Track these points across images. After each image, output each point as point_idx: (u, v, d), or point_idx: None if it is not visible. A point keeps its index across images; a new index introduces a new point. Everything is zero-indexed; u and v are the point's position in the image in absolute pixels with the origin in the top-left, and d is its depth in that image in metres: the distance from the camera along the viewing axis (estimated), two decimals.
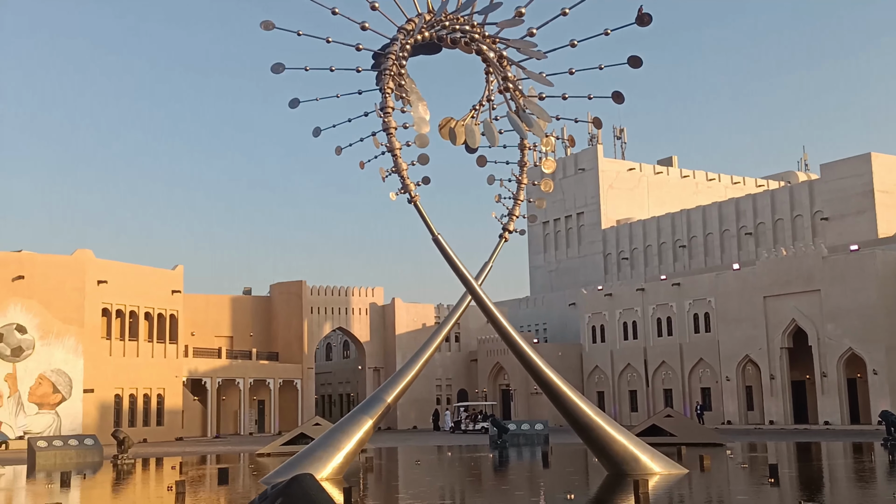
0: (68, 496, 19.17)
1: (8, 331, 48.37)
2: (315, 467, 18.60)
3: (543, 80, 19.07)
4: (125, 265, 54.65)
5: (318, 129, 19.56)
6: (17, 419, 48.11)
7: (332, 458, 19.52)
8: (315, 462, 19.20)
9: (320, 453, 19.71)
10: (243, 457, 32.84)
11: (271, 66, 18.18)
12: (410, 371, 21.24)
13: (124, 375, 53.25)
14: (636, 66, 17.88)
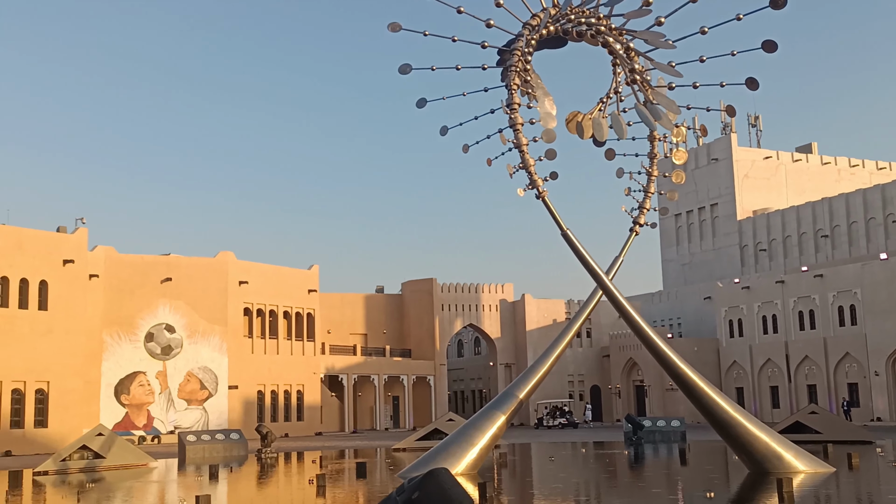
0: (217, 488, 20.04)
1: (158, 330, 50.98)
2: (450, 462, 18.80)
3: (672, 70, 18.66)
4: (264, 266, 56.67)
5: (445, 128, 19.74)
6: (167, 414, 50.65)
7: (466, 454, 19.69)
8: (449, 457, 19.40)
9: (454, 449, 19.91)
10: (380, 451, 33.52)
11: (398, 67, 18.47)
12: (542, 367, 21.19)
13: (265, 372, 55.28)
14: (771, 50, 17.26)
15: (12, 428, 43.69)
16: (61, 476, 24.64)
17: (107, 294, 49.36)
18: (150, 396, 50.27)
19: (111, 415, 48.35)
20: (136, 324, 50.29)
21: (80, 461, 26.57)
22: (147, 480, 23.24)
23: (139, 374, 50.13)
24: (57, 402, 45.39)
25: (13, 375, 43.89)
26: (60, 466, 25.91)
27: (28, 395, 44.54)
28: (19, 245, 44.67)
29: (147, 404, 50.15)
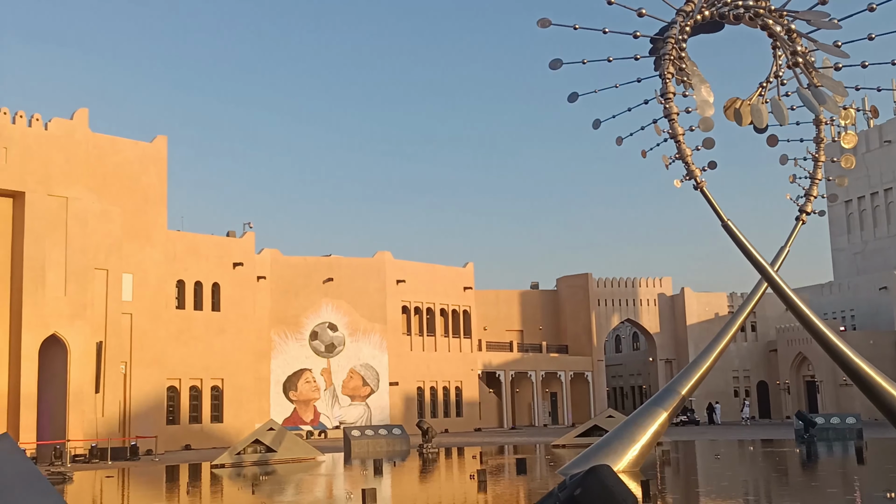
0: (381, 482, 20.58)
1: (322, 329, 52.84)
2: (611, 459, 18.58)
3: (838, 50, 17.72)
4: (420, 264, 57.73)
5: (597, 122, 19.49)
6: (332, 410, 52.42)
7: (627, 451, 19.40)
8: (610, 454, 19.17)
9: (615, 445, 19.66)
10: (539, 448, 33.50)
11: (549, 62, 18.39)
12: (704, 362, 20.61)
13: (424, 369, 56.34)
14: None
15: (191, 423, 46.35)
16: (237, 469, 25.94)
17: (273, 295, 51.57)
18: (315, 393, 52.17)
19: (280, 410, 50.49)
20: (301, 323, 52.31)
21: (253, 455, 27.89)
22: (316, 474, 24.13)
23: (305, 372, 52.12)
24: (231, 398, 47.83)
25: (191, 373, 46.56)
26: (236, 460, 27.29)
27: (204, 392, 47.15)
28: (194, 250, 47.33)
29: (313, 400, 52.07)
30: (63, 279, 37.64)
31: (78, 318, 37.90)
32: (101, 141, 41.79)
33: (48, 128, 38.05)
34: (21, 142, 37.01)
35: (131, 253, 42.06)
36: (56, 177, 37.87)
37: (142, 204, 43.11)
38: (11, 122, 36.90)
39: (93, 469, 30.74)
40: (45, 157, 37.66)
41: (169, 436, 43.77)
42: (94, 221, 39.46)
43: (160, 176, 44.14)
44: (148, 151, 43.87)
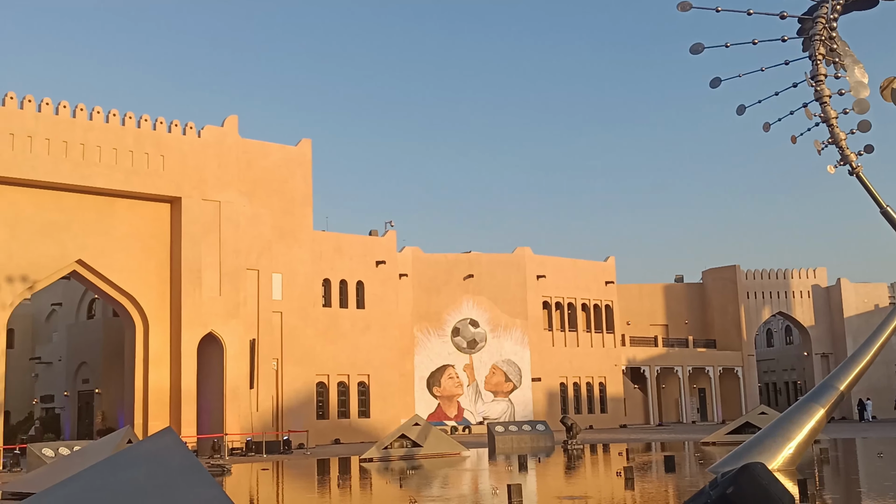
0: (527, 477, 20.56)
1: (463, 325, 53.29)
2: (764, 457, 17.88)
3: None
4: (560, 259, 57.35)
5: (742, 107, 18.79)
6: (476, 406, 52.79)
7: (782, 449, 18.63)
8: (764, 452, 18.46)
9: (769, 443, 18.91)
10: (687, 445, 32.68)
11: (690, 46, 17.87)
12: (864, 356, 19.55)
13: (567, 364, 55.94)
14: None
15: (339, 418, 47.69)
16: (384, 463, 26.49)
17: (415, 292, 52.38)
18: (459, 388, 52.66)
19: (425, 406, 51.24)
20: (443, 319, 52.91)
21: (399, 449, 28.41)
22: (461, 469, 24.35)
23: (448, 368, 52.68)
24: (377, 393, 48.91)
25: (338, 369, 47.91)
26: (383, 454, 27.87)
27: (352, 388, 48.40)
28: (339, 249, 48.67)
29: (457, 396, 52.58)
30: (218, 280, 39.41)
31: (232, 316, 39.61)
32: (251, 146, 43.51)
33: (201, 135, 39.92)
34: (177, 149, 39.00)
35: (280, 253, 43.62)
36: (209, 182, 39.69)
37: (289, 206, 44.64)
38: (167, 131, 38.91)
39: (249, 462, 32.07)
40: (199, 163, 39.53)
41: (319, 430, 45.16)
42: (245, 224, 41.14)
43: (306, 178, 45.57)
44: (294, 155, 45.37)
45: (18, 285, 35.24)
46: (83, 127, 36.50)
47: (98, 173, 36.66)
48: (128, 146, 37.58)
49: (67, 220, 36.57)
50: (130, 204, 38.34)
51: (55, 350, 51.63)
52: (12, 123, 34.81)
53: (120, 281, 37.76)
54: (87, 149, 36.48)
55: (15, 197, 35.42)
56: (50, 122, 35.73)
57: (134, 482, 8.28)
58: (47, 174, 35.46)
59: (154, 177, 38.18)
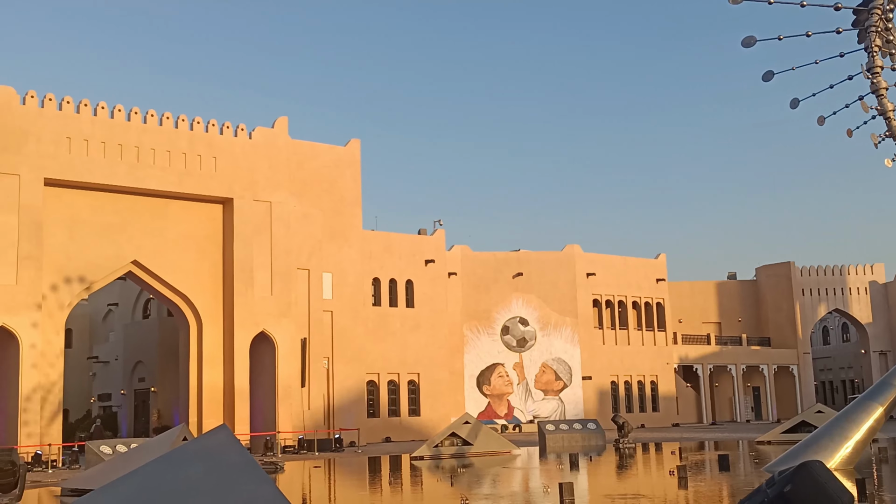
0: (578, 476, 20.47)
1: (513, 323, 53.19)
2: (821, 456, 17.55)
3: None
4: (610, 257, 56.95)
5: (796, 101, 18.46)
6: (526, 404, 52.66)
7: (839, 448, 18.28)
8: (821, 451, 18.13)
9: (826, 442, 18.57)
10: (742, 444, 32.24)
11: (742, 40, 17.61)
12: None
13: (618, 363, 55.54)
14: None
15: (390, 416, 47.91)
16: (435, 461, 26.56)
17: (465, 290, 52.41)
18: (509, 387, 52.57)
19: (475, 404, 51.23)
20: (493, 317, 52.86)
21: (450, 447, 28.46)
22: (512, 467, 24.33)
23: (498, 366, 52.62)
24: (427, 391, 49.06)
25: (389, 368, 48.14)
26: (434, 452, 27.95)
27: (402, 386, 48.60)
28: (388, 248, 48.91)
29: (507, 394, 52.49)
30: (269, 279, 39.85)
31: (284, 316, 40.02)
32: (300, 147, 43.93)
33: (252, 137, 40.40)
34: (229, 151, 39.52)
35: (330, 253, 43.97)
36: (260, 183, 40.15)
37: (339, 205, 44.98)
38: (219, 133, 39.44)
39: (301, 459, 32.39)
40: (251, 164, 40.02)
41: (370, 428, 45.42)
42: (295, 224, 41.54)
43: (355, 178, 45.88)
44: (343, 155, 45.70)
45: (76, 286, 36.02)
46: (137, 130, 37.18)
47: (152, 175, 37.31)
48: (181, 148, 38.19)
49: (123, 222, 37.27)
50: (184, 205, 38.95)
51: (112, 349, 52.65)
52: (69, 127, 35.57)
53: (174, 281, 38.38)
54: (141, 151, 37.15)
55: (72, 199, 36.20)
56: (105, 126, 36.44)
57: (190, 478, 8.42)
58: (103, 177, 36.18)
59: (207, 178, 38.74)
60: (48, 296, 35.09)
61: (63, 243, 35.78)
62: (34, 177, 34.54)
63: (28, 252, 34.06)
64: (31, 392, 33.72)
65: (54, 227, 35.57)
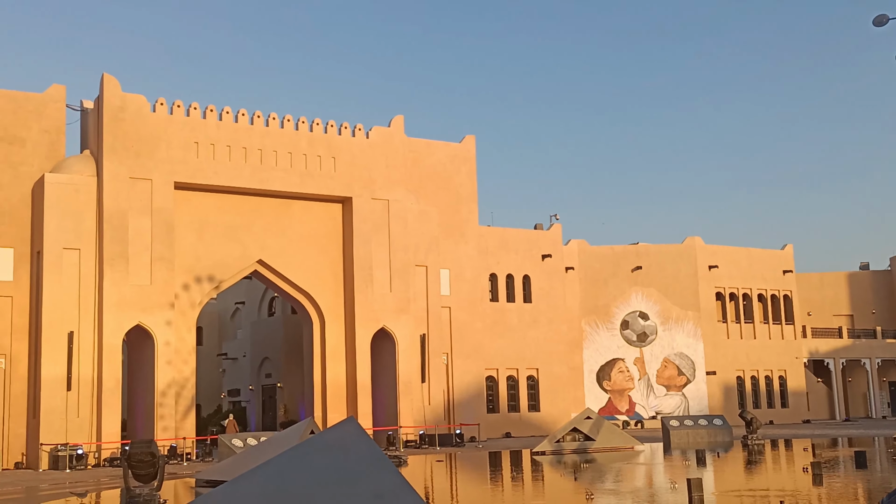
0: (705, 472, 19.98)
1: (632, 318, 52.37)
2: None
3: None
4: (733, 249, 55.36)
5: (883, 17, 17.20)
6: (647, 400, 51.77)
7: None
8: None
9: None
10: (878, 441, 30.81)
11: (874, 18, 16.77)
12: None
13: (743, 357, 53.95)
14: None
15: (509, 412, 47.94)
16: (557, 456, 26.41)
17: (582, 285, 51.93)
18: (629, 382, 51.80)
19: (595, 400, 50.70)
20: (612, 312, 52.18)
21: (572, 443, 28.23)
22: (636, 463, 23.95)
23: (618, 361, 51.91)
24: (546, 387, 48.85)
25: (507, 363, 48.16)
26: (555, 447, 27.78)
27: (521, 382, 48.54)
28: (504, 244, 48.92)
29: (628, 390, 51.74)
30: (388, 276, 40.46)
31: (403, 312, 40.55)
32: (416, 145, 44.43)
33: (369, 136, 41.08)
34: (347, 151, 40.32)
35: (447, 249, 44.30)
36: (378, 181, 40.80)
37: (454, 202, 45.26)
38: (338, 133, 40.28)
39: (423, 454, 32.75)
40: (368, 163, 40.71)
41: (490, 423, 45.56)
42: (413, 221, 42.02)
43: (470, 174, 46.07)
44: (458, 152, 45.96)
45: (206, 285, 37.43)
46: (260, 133, 38.34)
47: (275, 177, 38.41)
48: (302, 150, 39.18)
49: (248, 223, 38.51)
50: (305, 205, 39.95)
51: (240, 346, 54.52)
52: (196, 132, 37.00)
53: (297, 279, 39.41)
54: (264, 154, 38.30)
55: (200, 202, 37.63)
56: (230, 130, 37.73)
57: (320, 469, 8.63)
58: (229, 179, 37.48)
59: (326, 178, 39.62)
60: (180, 295, 36.60)
61: (193, 244, 37.24)
62: (165, 181, 36.08)
63: (161, 253, 35.60)
64: (166, 387, 35.25)
65: (184, 228, 37.07)
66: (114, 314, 34.53)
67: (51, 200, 34.30)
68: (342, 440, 8.97)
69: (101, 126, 35.46)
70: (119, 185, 35.22)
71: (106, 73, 35.65)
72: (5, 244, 34.93)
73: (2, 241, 34.87)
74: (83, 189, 34.96)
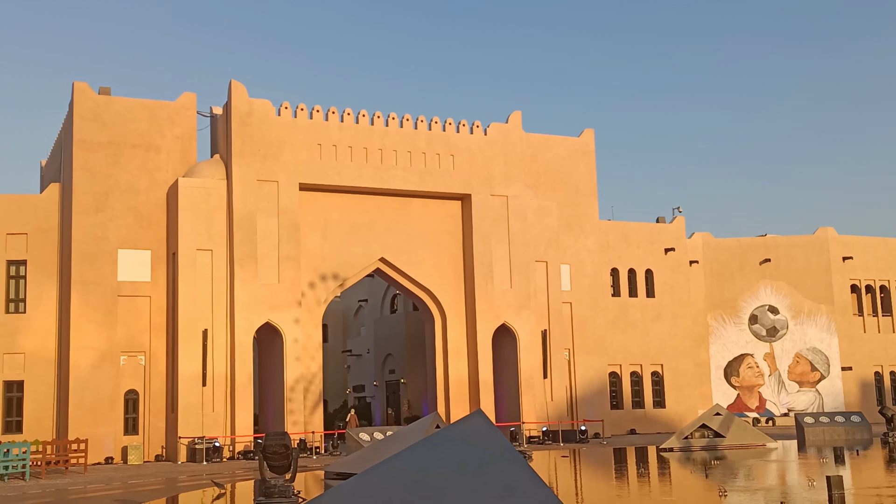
0: (844, 471, 19.19)
1: (761, 312, 50.71)
2: None
3: None
4: (869, 238, 52.89)
5: None
6: (779, 396, 50.04)
7: None
8: None
9: None
10: None
11: None
12: None
13: (881, 352, 51.49)
14: None
15: (634, 408, 47.21)
16: (685, 453, 25.86)
17: (707, 279, 50.66)
18: (759, 378, 50.21)
19: (722, 396, 49.38)
20: (739, 306, 50.69)
21: (701, 439, 27.60)
22: (769, 460, 23.22)
23: (746, 357, 50.39)
24: (671, 383, 47.89)
25: (630, 359, 47.44)
26: (683, 444, 27.21)
27: (645, 377, 47.73)
28: (625, 238, 48.19)
29: (757, 386, 50.16)
30: (508, 272, 40.48)
31: (524, 308, 40.50)
32: (534, 140, 44.27)
33: (487, 133, 41.19)
34: (466, 148, 40.54)
35: (567, 244, 43.98)
36: (496, 177, 40.87)
37: (574, 197, 44.88)
38: (456, 131, 40.55)
39: (547, 449, 32.63)
40: (487, 160, 40.83)
41: (613, 420, 45.00)
42: (532, 217, 41.90)
43: (589, 168, 45.59)
44: (577, 146, 45.56)
45: (331, 283, 38.33)
46: (380, 133, 38.98)
47: (395, 176, 38.99)
48: (420, 148, 39.63)
49: (370, 221, 39.22)
50: (425, 203, 40.39)
51: (363, 343, 55.59)
52: (319, 134, 37.93)
53: (418, 276, 39.89)
54: (384, 153, 38.93)
55: (324, 202, 38.55)
56: (351, 131, 38.52)
57: (450, 461, 8.72)
58: (351, 179, 38.26)
59: (445, 176, 39.95)
60: (307, 293, 37.60)
61: (317, 244, 38.19)
62: (290, 182, 37.13)
63: (288, 253, 36.66)
64: (294, 383, 36.28)
65: (309, 228, 38.06)
66: (244, 312, 35.76)
67: (184, 204, 35.80)
68: (472, 433, 9.03)
69: (230, 131, 36.78)
70: (247, 187, 36.45)
71: (234, 80, 36.96)
72: (144, 246, 36.66)
73: (141, 244, 36.62)
74: (214, 192, 36.34)
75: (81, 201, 35.84)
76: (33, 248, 37.20)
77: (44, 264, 37.22)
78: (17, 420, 36.48)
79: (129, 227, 36.46)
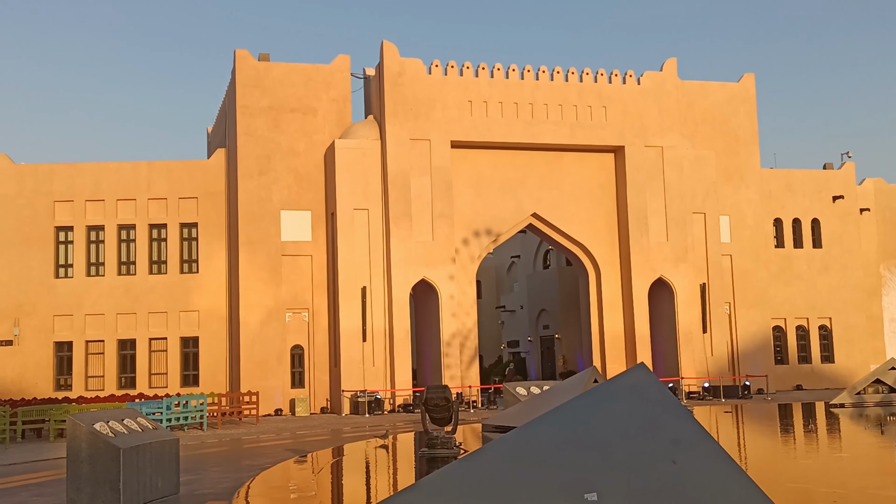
0: None
1: None
2: None
3: None
4: None
5: None
6: None
7: None
8: None
9: None
10: None
11: None
12: None
13: None
14: None
15: (800, 363, 45.43)
16: (857, 409, 24.72)
17: (880, 227, 47.91)
18: None
19: None
20: None
21: (875, 395, 26.28)
22: None
23: None
24: (840, 337, 45.76)
25: (795, 313, 45.57)
26: (855, 400, 26.00)
27: (812, 331, 45.78)
28: (789, 187, 46.07)
29: None
30: (664, 225, 39.54)
31: (681, 261, 39.53)
32: (690, 87, 42.80)
33: (640, 82, 40.11)
34: (618, 99, 39.66)
35: (726, 195, 42.49)
36: (651, 128, 39.82)
37: (733, 145, 43.21)
38: (608, 82, 39.69)
39: (708, 405, 31.93)
40: (640, 110, 39.81)
41: (778, 376, 43.50)
42: (688, 167, 40.66)
43: (750, 115, 43.72)
44: (736, 92, 43.73)
45: (484, 239, 38.58)
46: (531, 87, 38.63)
47: (546, 130, 38.63)
48: (571, 101, 39.05)
49: (522, 177, 39.11)
50: (577, 156, 39.88)
51: (517, 299, 55.82)
52: (469, 91, 37.97)
53: (571, 231, 39.56)
54: (535, 108, 38.60)
55: (476, 159, 38.70)
56: (501, 87, 38.35)
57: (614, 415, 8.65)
58: (502, 135, 38.19)
59: (597, 128, 39.25)
60: (460, 250, 38.01)
61: (470, 200, 38.44)
62: (442, 140, 37.44)
63: (441, 210, 37.10)
64: (450, 338, 36.90)
65: (461, 185, 38.33)
66: (401, 269, 36.55)
67: (341, 165, 36.76)
68: (635, 386, 8.91)
69: (383, 92, 37.37)
70: (400, 147, 37.01)
71: (385, 41, 37.43)
72: (304, 207, 37.98)
73: (301, 205, 37.95)
74: (369, 152, 37.13)
75: (246, 165, 37.41)
76: (203, 211, 39.24)
77: (213, 226, 39.23)
78: (193, 374, 38.87)
79: (290, 189, 37.81)
